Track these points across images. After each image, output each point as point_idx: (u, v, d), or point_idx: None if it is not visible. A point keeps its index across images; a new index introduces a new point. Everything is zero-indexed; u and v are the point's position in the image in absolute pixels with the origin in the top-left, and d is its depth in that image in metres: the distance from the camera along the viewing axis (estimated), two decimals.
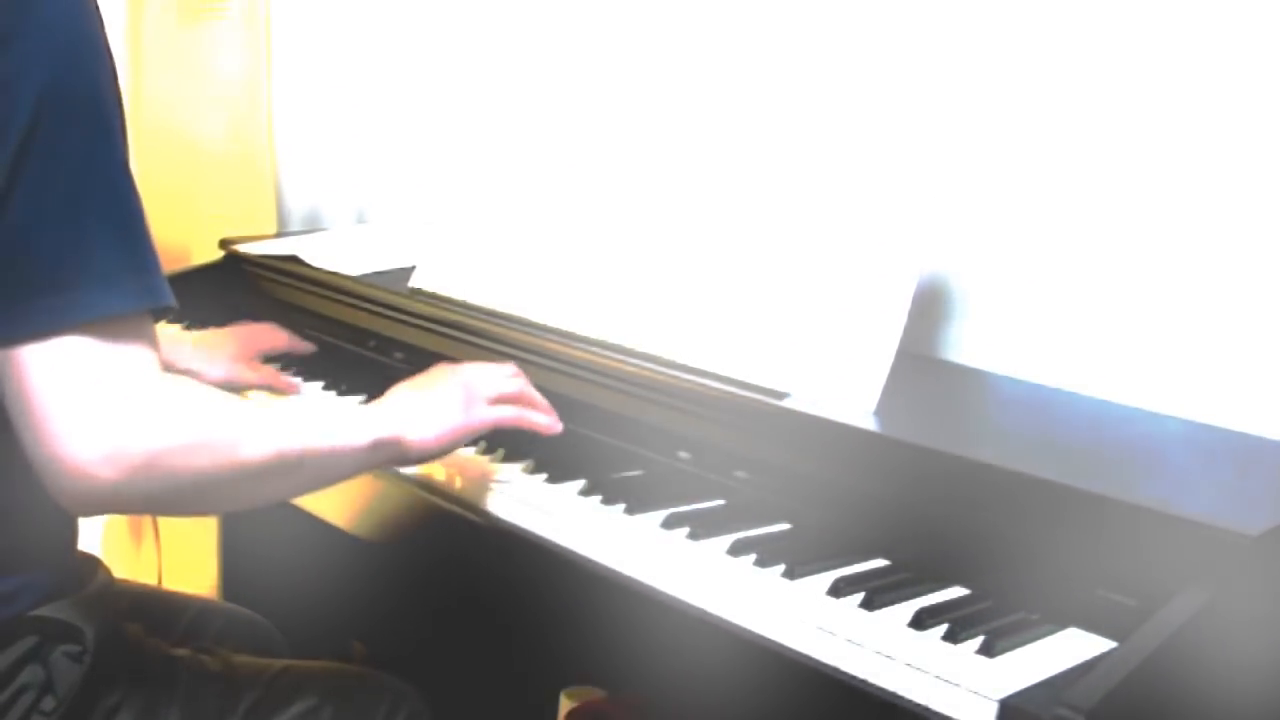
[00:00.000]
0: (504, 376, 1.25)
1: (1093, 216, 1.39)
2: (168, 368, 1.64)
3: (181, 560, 2.20)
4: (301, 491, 1.14)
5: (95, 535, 2.19)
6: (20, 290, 0.89)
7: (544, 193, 1.56)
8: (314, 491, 1.13)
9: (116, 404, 0.91)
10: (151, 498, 0.95)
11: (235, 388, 1.61)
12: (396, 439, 1.14)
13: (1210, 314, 1.30)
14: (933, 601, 1.02)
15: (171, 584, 2.13)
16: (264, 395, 1.61)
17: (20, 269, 0.90)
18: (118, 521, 2.23)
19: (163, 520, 2.09)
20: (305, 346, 1.71)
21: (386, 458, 1.15)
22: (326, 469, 1.09)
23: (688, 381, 1.30)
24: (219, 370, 1.60)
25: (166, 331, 1.60)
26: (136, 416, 0.91)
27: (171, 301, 0.96)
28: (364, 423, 1.13)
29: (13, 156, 0.89)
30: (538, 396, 1.27)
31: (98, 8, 0.95)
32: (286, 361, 1.69)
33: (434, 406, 1.19)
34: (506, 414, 1.22)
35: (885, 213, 1.28)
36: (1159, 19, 1.32)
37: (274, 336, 1.69)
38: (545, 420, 1.25)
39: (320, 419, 1.12)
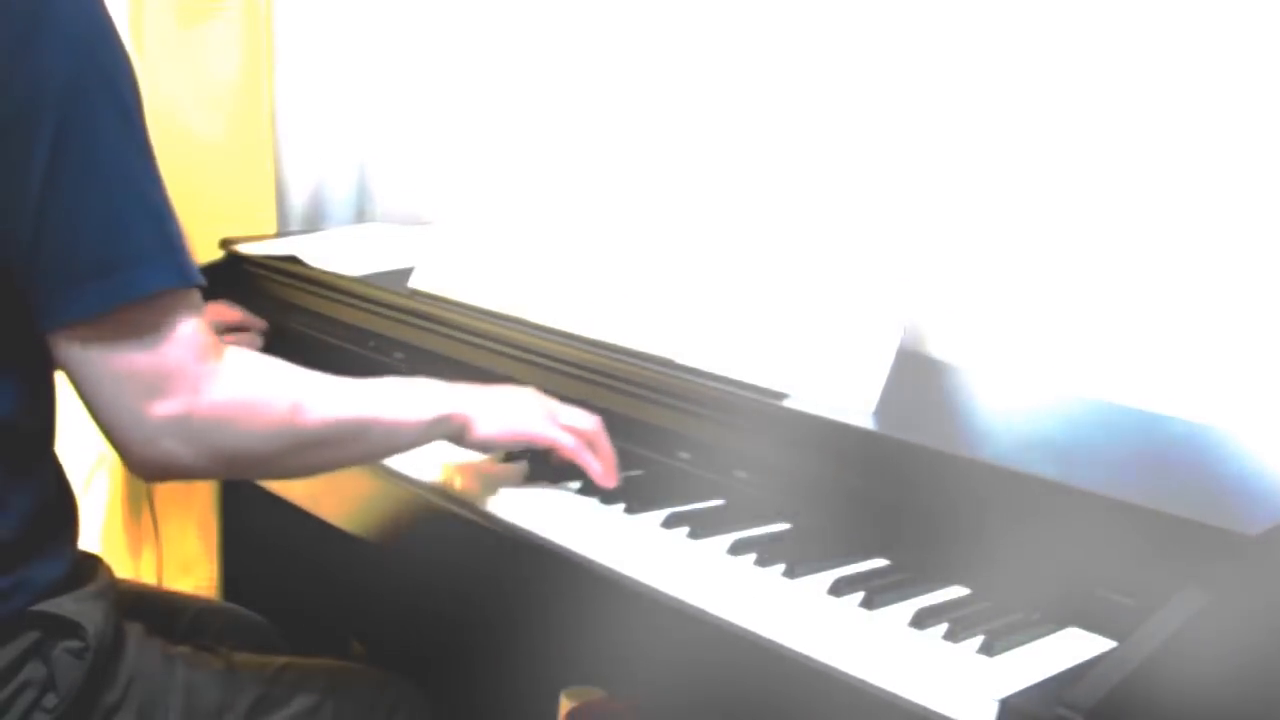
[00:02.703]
0: (589, 416, 1.25)
1: (1092, 216, 1.39)
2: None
3: (181, 560, 2.19)
4: (370, 458, 1.19)
5: (95, 535, 2.19)
6: (69, 276, 0.94)
7: (544, 194, 1.56)
8: (383, 458, 1.20)
9: (173, 374, 0.96)
10: (219, 462, 1.01)
11: None
12: (463, 418, 1.18)
13: (1210, 314, 1.30)
14: (933, 601, 1.02)
15: (171, 584, 2.13)
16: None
17: (67, 256, 0.94)
18: (117, 521, 2.22)
19: (163, 520, 2.09)
20: (258, 323, 1.75)
21: (447, 432, 1.18)
22: (392, 437, 1.14)
23: (688, 381, 1.29)
24: None
25: None
26: (194, 385, 0.97)
27: (202, 280, 1.00)
28: (432, 396, 1.17)
29: (49, 152, 0.92)
30: (608, 449, 1.25)
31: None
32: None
33: (507, 402, 1.23)
34: (567, 440, 1.22)
35: (885, 213, 1.28)
36: (1160, 11, 1.32)
37: (227, 311, 1.73)
38: (599, 469, 1.23)
39: (387, 387, 1.15)
